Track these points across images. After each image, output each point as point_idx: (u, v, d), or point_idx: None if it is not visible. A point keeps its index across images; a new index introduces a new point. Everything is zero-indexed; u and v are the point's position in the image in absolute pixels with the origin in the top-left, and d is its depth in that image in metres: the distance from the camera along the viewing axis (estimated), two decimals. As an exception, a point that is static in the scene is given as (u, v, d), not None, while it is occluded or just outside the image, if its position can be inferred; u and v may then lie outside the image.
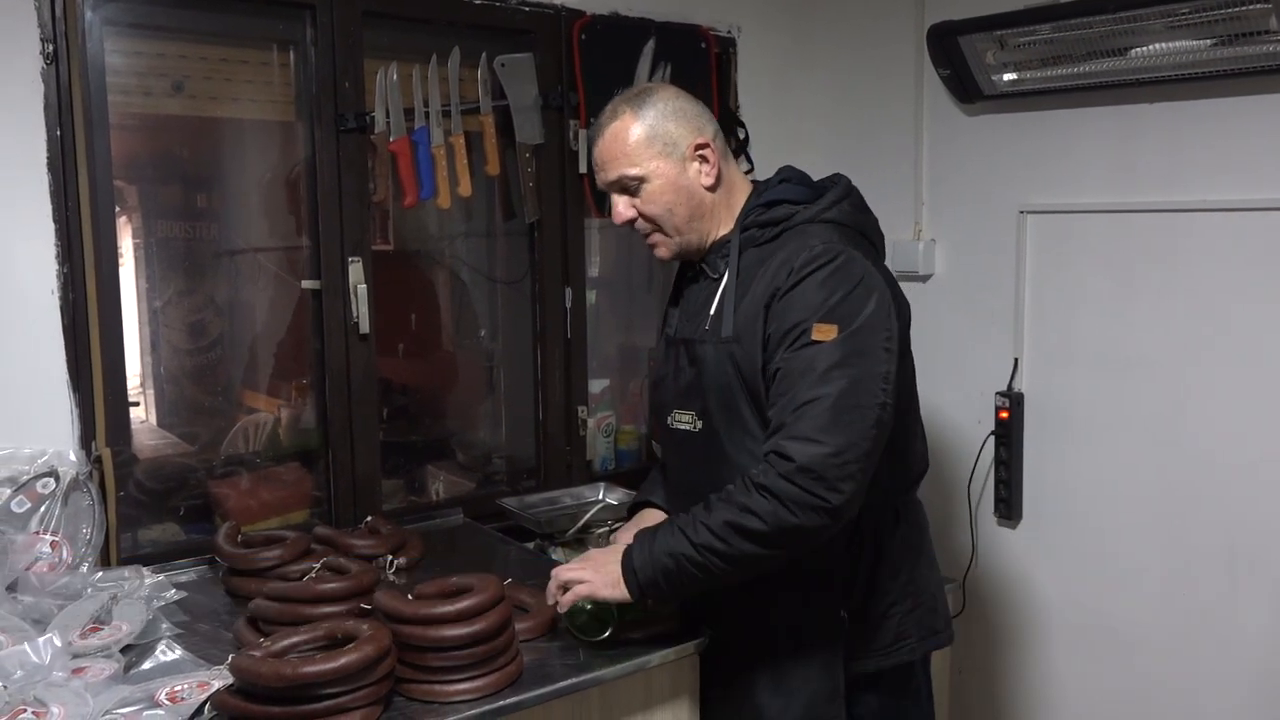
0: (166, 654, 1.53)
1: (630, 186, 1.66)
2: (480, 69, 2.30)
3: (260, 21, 2.14)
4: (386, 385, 2.41)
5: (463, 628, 1.45)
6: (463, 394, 2.70)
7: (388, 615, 1.49)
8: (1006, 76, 2.35)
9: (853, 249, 1.58)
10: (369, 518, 2.10)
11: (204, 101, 2.19)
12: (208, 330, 2.28)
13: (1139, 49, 2.10)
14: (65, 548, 1.78)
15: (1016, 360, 2.45)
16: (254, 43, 2.18)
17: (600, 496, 2.43)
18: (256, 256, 2.30)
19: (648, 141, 1.64)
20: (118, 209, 1.99)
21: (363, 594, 1.64)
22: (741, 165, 2.29)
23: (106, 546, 1.88)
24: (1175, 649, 2.22)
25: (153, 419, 2.24)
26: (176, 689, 1.38)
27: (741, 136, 2.67)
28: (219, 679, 1.41)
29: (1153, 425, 2.22)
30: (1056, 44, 2.20)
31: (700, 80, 2.55)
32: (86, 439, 1.91)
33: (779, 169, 1.75)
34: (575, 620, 1.61)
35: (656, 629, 1.65)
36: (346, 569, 1.77)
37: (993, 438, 2.48)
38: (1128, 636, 2.30)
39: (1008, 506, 2.47)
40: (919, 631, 1.72)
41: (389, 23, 2.22)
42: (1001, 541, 2.53)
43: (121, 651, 1.50)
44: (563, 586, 1.60)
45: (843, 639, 1.65)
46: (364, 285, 2.18)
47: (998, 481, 2.49)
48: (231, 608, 1.80)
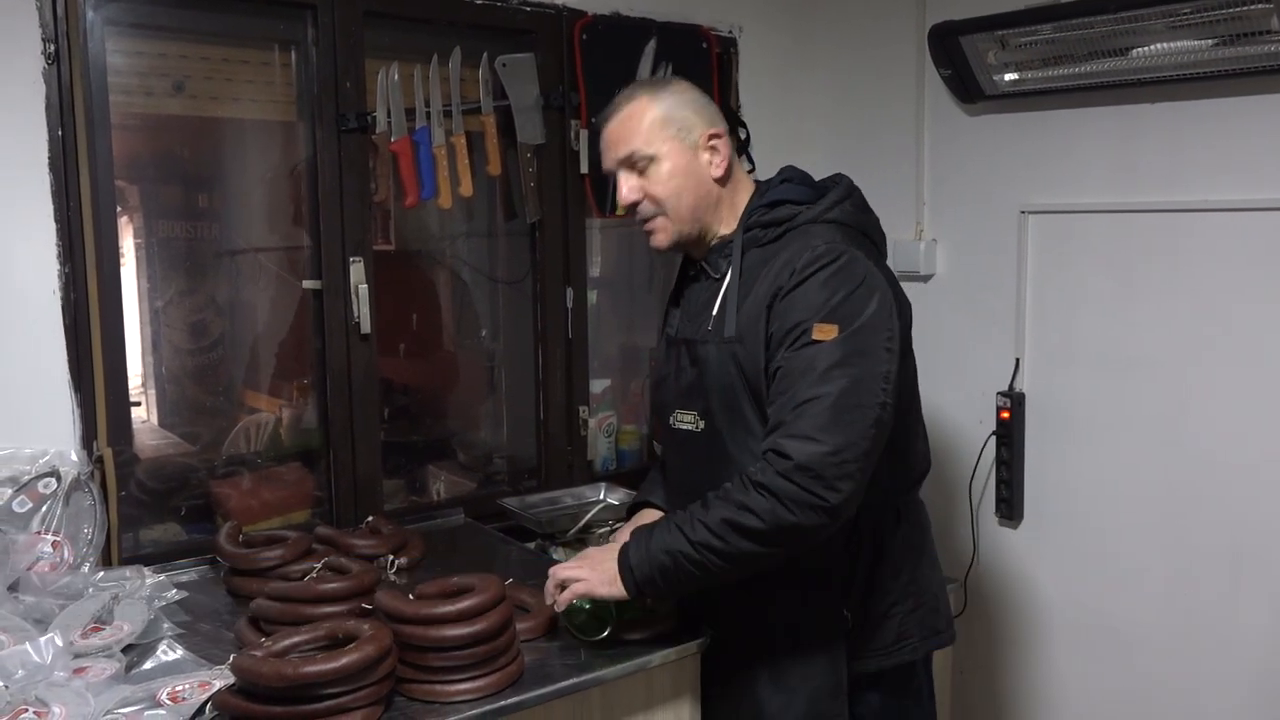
0: (168, 654, 1.53)
1: (640, 164, 1.65)
2: (481, 69, 2.30)
3: (261, 21, 2.14)
4: (388, 385, 2.41)
5: (464, 628, 1.45)
6: (464, 394, 2.70)
7: (389, 615, 1.49)
8: (1008, 76, 2.35)
9: (855, 249, 1.58)
10: (370, 518, 2.10)
11: (205, 101, 2.19)
12: (209, 330, 2.28)
13: (1140, 49, 2.10)
14: (67, 548, 1.78)
15: (1018, 360, 2.45)
16: (255, 43, 2.18)
17: (601, 496, 2.43)
18: (257, 256, 2.30)
19: (663, 123, 1.65)
20: (119, 209, 1.99)
21: (364, 594, 1.64)
22: (743, 165, 2.29)
23: (108, 546, 1.88)
24: (1176, 649, 2.22)
25: (154, 419, 2.25)
26: (178, 689, 1.38)
27: (743, 136, 2.66)
28: (220, 679, 1.41)
29: (1154, 425, 2.22)
30: (1058, 44, 2.20)
31: (701, 80, 2.53)
32: (88, 439, 1.91)
33: (781, 169, 1.75)
34: (574, 620, 1.62)
35: (657, 629, 1.65)
36: (347, 569, 1.77)
37: (994, 438, 2.48)
38: (1129, 636, 2.30)
39: (1009, 506, 2.47)
40: (921, 631, 1.72)
41: (390, 22, 2.22)
42: (1003, 541, 2.53)
43: (123, 651, 1.50)
44: (560, 585, 1.60)
45: (844, 637, 1.65)
46: (365, 285, 2.18)
47: (999, 481, 2.49)
48: (233, 608, 1.80)
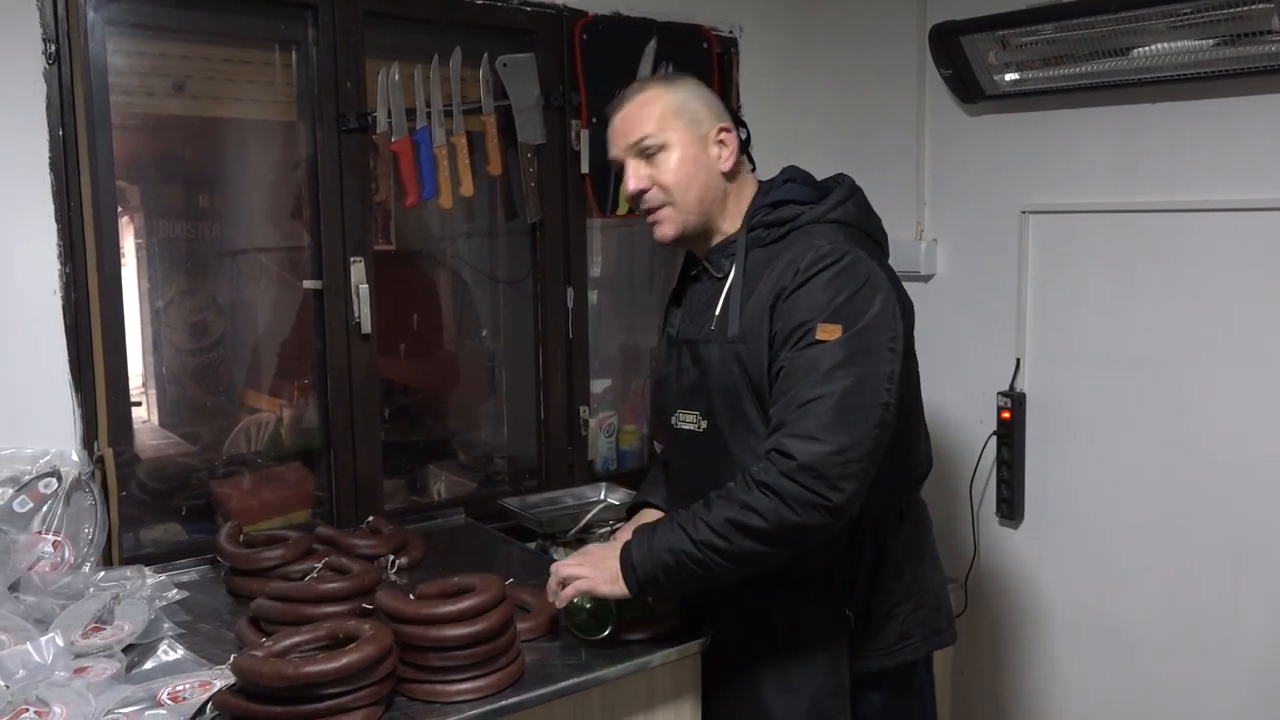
0: (168, 654, 1.53)
1: (650, 151, 1.65)
2: (482, 69, 2.30)
3: (262, 21, 2.14)
4: (388, 385, 2.41)
5: (464, 628, 1.45)
6: (464, 394, 2.70)
7: (389, 615, 1.49)
8: (1008, 76, 2.34)
9: (858, 249, 1.58)
10: (370, 518, 2.10)
11: (206, 101, 2.19)
12: (210, 330, 2.28)
13: (1141, 49, 2.10)
14: (67, 547, 1.78)
15: (1019, 360, 2.45)
16: (256, 43, 2.18)
17: (602, 496, 2.43)
18: (258, 256, 2.30)
19: (676, 112, 1.66)
20: (120, 209, 1.99)
21: (364, 594, 1.64)
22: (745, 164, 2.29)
23: (109, 546, 1.88)
24: (1177, 649, 2.22)
25: (155, 419, 2.25)
26: (178, 689, 1.38)
27: (743, 137, 2.66)
28: (221, 679, 1.41)
29: (1155, 425, 2.22)
30: (1059, 44, 2.20)
31: (702, 80, 2.54)
32: (89, 439, 1.91)
33: (783, 169, 1.74)
34: (574, 619, 1.61)
35: (657, 629, 1.65)
36: (348, 569, 1.77)
37: (995, 438, 2.47)
38: (1129, 636, 2.30)
39: (1010, 506, 2.47)
40: (923, 631, 1.72)
41: (391, 23, 2.22)
42: (1003, 541, 2.52)
43: (124, 651, 1.50)
44: (562, 582, 1.60)
45: (847, 637, 1.65)
46: (366, 285, 2.18)
47: (1000, 481, 2.49)
48: (233, 607, 1.80)
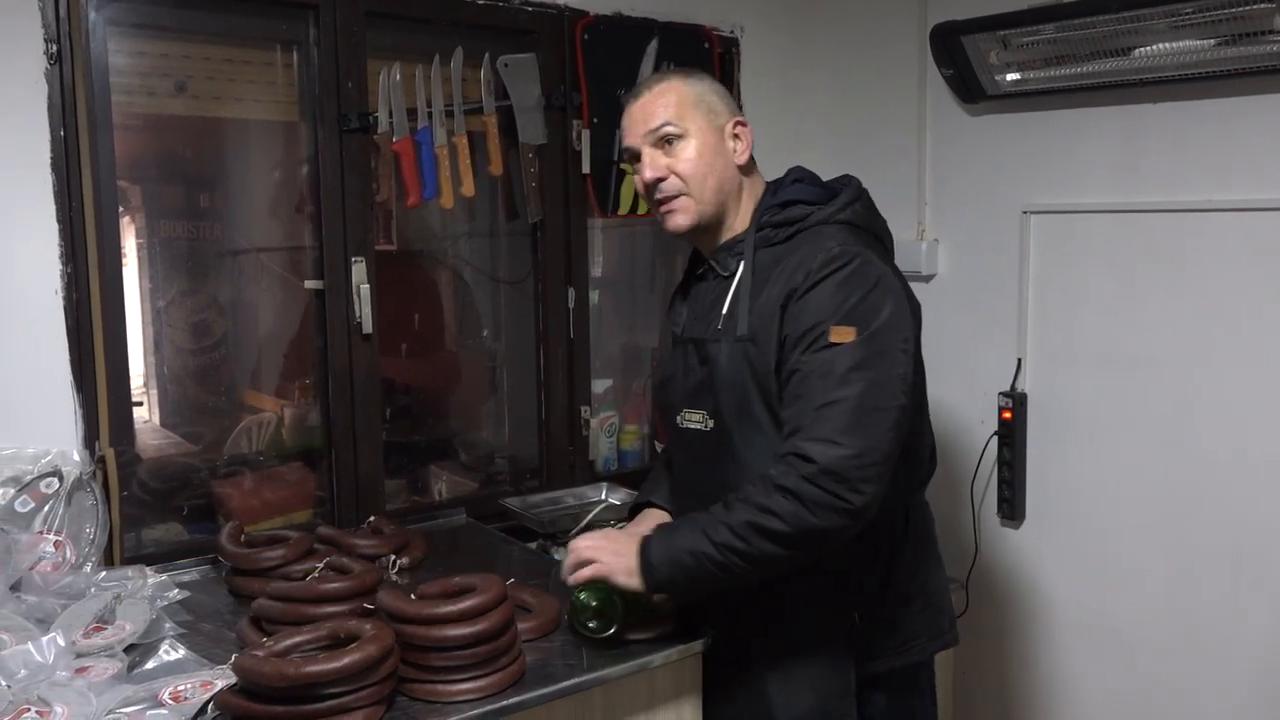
0: (170, 653, 1.53)
1: (670, 138, 1.65)
2: (483, 69, 2.30)
3: (263, 22, 2.14)
4: (389, 385, 2.42)
5: (465, 627, 1.45)
6: (465, 394, 2.70)
7: (390, 615, 1.49)
8: (1010, 76, 2.34)
9: (868, 251, 1.58)
10: (372, 517, 2.10)
11: (207, 102, 2.19)
12: (211, 330, 2.28)
13: (1142, 49, 2.10)
14: (69, 547, 1.78)
15: (1020, 360, 2.45)
16: (257, 43, 2.18)
17: (603, 496, 2.44)
18: (259, 256, 2.30)
19: (695, 103, 1.66)
20: (121, 209, 2.00)
21: (365, 594, 1.64)
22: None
23: (110, 546, 1.88)
24: (1178, 649, 2.22)
25: (156, 419, 2.25)
26: (180, 688, 1.38)
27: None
28: (222, 678, 1.41)
29: (1157, 426, 2.22)
30: (1060, 44, 2.20)
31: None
32: (90, 439, 1.91)
33: (790, 169, 1.74)
34: (579, 617, 1.61)
35: (659, 628, 1.65)
36: (349, 569, 1.77)
37: (996, 438, 2.47)
38: (1130, 637, 2.30)
39: (1011, 507, 2.47)
40: (928, 632, 1.72)
41: (392, 23, 2.22)
42: (1004, 542, 2.52)
43: (125, 651, 1.50)
44: (580, 562, 1.59)
45: (853, 638, 1.64)
46: (367, 285, 2.18)
47: (1001, 482, 2.48)
48: (234, 607, 1.80)
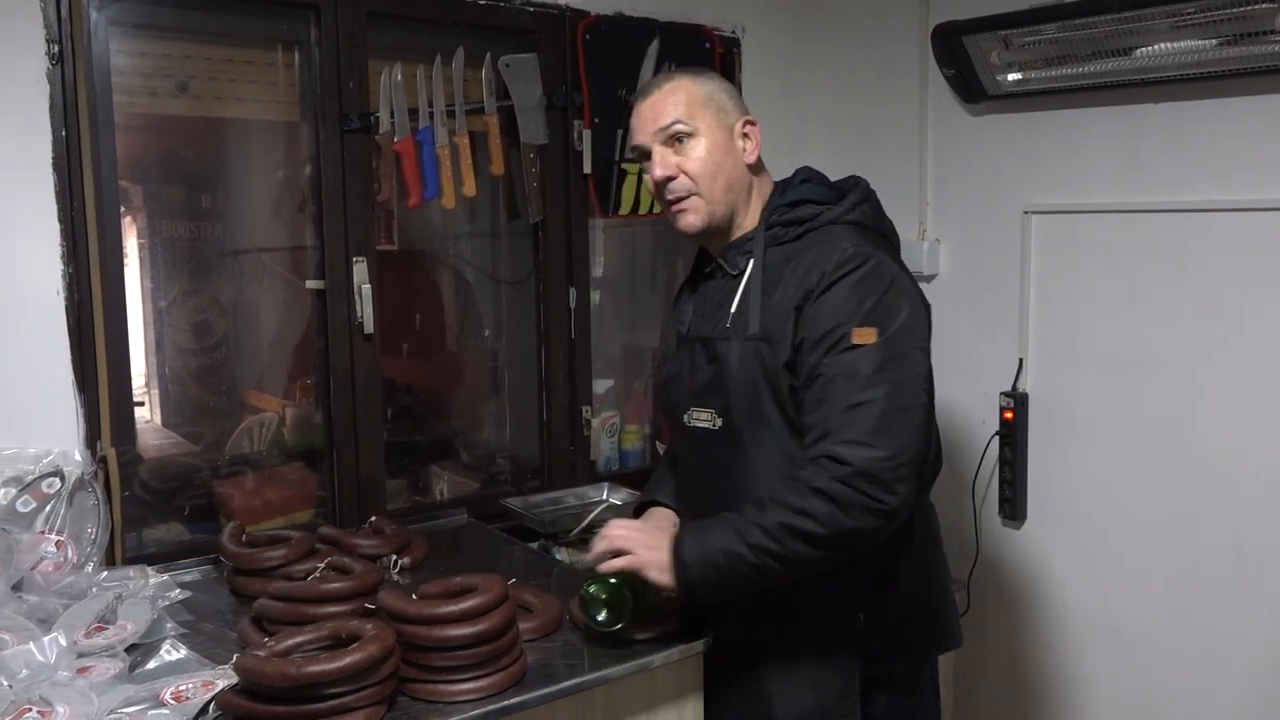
0: (171, 653, 1.53)
1: (680, 136, 1.65)
2: (484, 69, 2.30)
3: (265, 22, 2.14)
4: (391, 385, 2.42)
5: (466, 627, 1.45)
6: (467, 394, 2.70)
7: (392, 615, 1.49)
8: (1011, 76, 2.34)
9: (879, 251, 1.58)
10: (373, 517, 2.10)
11: (209, 102, 2.19)
12: (212, 330, 2.28)
13: (1144, 49, 2.09)
14: (70, 547, 1.78)
15: (1021, 360, 2.44)
16: (259, 43, 2.18)
17: (604, 496, 2.43)
18: (261, 257, 2.31)
19: (704, 101, 1.66)
20: (123, 209, 2.00)
21: (367, 594, 1.64)
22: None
23: (111, 546, 1.88)
24: (1180, 650, 2.22)
25: (157, 419, 2.25)
26: (181, 688, 1.38)
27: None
28: (223, 678, 1.41)
29: (1159, 425, 2.22)
30: (1061, 44, 2.20)
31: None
32: (91, 439, 1.91)
33: (798, 169, 1.74)
34: (589, 609, 1.59)
35: (661, 627, 1.65)
36: (351, 569, 1.77)
37: (997, 438, 2.47)
38: (1133, 637, 2.30)
39: (1012, 507, 2.47)
40: (934, 633, 1.72)
41: (393, 23, 2.22)
42: (1006, 542, 2.52)
43: (126, 651, 1.50)
44: (613, 551, 1.58)
45: (858, 639, 1.64)
46: (368, 285, 2.18)
47: (1002, 482, 2.48)
48: (236, 607, 1.80)
